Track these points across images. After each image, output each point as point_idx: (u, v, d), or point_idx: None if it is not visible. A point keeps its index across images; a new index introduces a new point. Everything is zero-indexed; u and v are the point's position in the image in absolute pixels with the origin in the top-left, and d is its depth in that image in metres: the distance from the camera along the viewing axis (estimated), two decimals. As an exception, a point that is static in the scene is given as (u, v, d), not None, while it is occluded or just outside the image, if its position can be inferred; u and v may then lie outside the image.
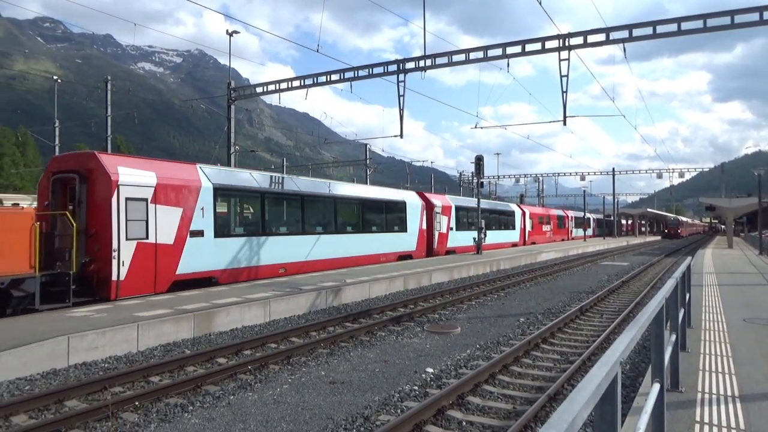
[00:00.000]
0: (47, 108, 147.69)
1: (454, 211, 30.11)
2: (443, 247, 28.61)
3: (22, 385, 7.21)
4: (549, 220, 50.74)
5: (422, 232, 26.24)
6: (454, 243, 29.92)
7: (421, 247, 26.14)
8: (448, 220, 29.21)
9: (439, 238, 28.16)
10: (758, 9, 15.92)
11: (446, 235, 29.03)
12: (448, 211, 29.48)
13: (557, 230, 53.11)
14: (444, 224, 28.78)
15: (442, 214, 28.58)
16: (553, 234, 51.08)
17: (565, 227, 56.58)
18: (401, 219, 24.88)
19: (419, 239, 25.94)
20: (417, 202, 26.37)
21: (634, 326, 2.77)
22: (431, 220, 27.13)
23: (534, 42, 18.59)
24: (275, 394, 7.02)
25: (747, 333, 8.23)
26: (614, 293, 16.92)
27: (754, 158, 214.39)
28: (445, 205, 29.45)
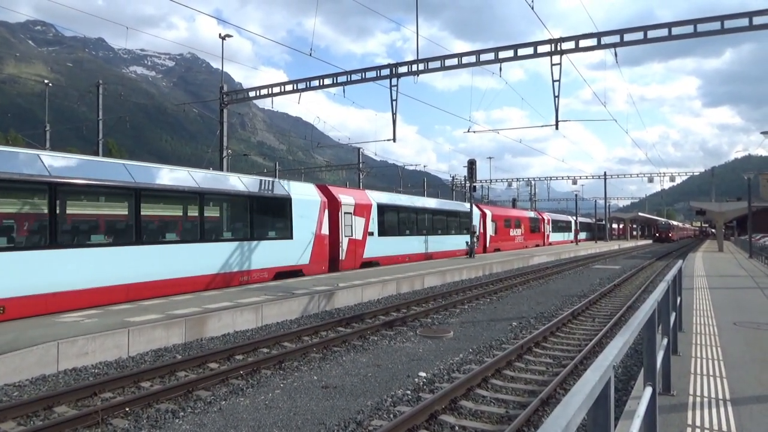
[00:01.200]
0: (38, 112, 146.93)
1: (376, 210, 23.56)
2: (357, 258, 22.15)
3: (10, 391, 7.12)
4: (519, 223, 44.89)
5: (321, 238, 19.51)
6: (377, 252, 23.49)
7: (320, 259, 19.54)
8: (365, 223, 22.61)
9: (350, 247, 21.56)
10: (748, 14, 16.09)
11: (362, 242, 22.46)
12: (366, 211, 22.91)
13: (530, 235, 47.75)
14: (359, 228, 22.20)
15: (356, 215, 22.05)
16: (524, 239, 45.66)
17: (540, 231, 51.31)
18: (283, 221, 18.02)
19: (315, 248, 19.08)
20: (311, 198, 19.49)
21: (627, 330, 2.77)
22: (336, 223, 20.77)
23: (526, 46, 18.68)
24: (267, 399, 6.97)
25: (737, 336, 8.27)
26: (606, 297, 16.98)
27: (743, 162, 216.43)
28: (361, 203, 22.67)
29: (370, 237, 22.95)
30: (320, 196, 20.14)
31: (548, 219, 54.43)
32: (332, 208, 20.78)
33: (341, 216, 21.10)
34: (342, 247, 21.09)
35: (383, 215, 24.24)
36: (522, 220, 46.10)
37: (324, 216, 19.85)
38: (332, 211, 20.71)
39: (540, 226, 51.29)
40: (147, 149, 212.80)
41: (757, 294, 13.92)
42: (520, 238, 44.61)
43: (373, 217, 23.30)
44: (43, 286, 10.70)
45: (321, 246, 19.62)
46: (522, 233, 45.25)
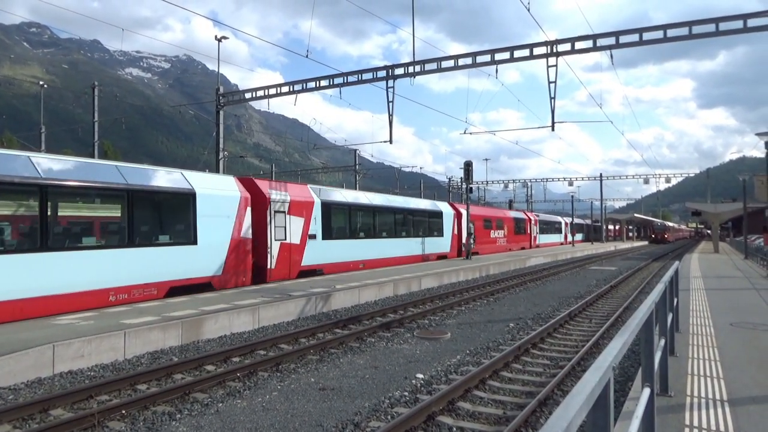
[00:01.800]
0: (33, 113, 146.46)
1: (320, 209, 19.86)
2: (293, 266, 18.43)
3: (5, 394, 7.08)
4: (501, 224, 40.95)
5: (241, 243, 15.87)
6: (320, 258, 19.84)
7: (238, 268, 15.85)
8: (305, 224, 18.94)
9: (283, 253, 17.87)
10: (742, 16, 16.17)
11: (300, 246, 18.71)
12: (306, 210, 19.11)
13: (514, 236, 43.99)
14: (296, 230, 18.50)
15: (292, 214, 18.38)
16: (508, 241, 41.90)
17: (526, 233, 47.72)
18: (182, 221, 14.58)
19: (232, 256, 15.55)
20: (227, 194, 15.78)
21: (626, 331, 2.77)
22: (264, 224, 17.26)
23: (522, 48, 18.72)
24: (264, 401, 6.95)
25: (734, 337, 8.29)
26: (602, 298, 17.01)
27: (738, 164, 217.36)
28: (299, 200, 18.87)
29: (311, 241, 19.24)
30: (241, 191, 16.41)
31: (535, 219, 51.10)
32: (258, 205, 17.11)
33: (271, 216, 17.52)
34: (271, 254, 17.42)
35: (329, 215, 20.61)
36: (505, 221, 42.22)
37: (246, 215, 16.24)
38: (258, 209, 17.08)
39: (526, 227, 47.73)
40: (143, 151, 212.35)
41: (753, 295, 13.96)
42: (503, 241, 40.88)
43: (315, 216, 19.55)
44: None
45: (240, 252, 15.97)
46: (505, 235, 41.60)
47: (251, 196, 16.72)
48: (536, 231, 50.24)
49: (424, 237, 28.42)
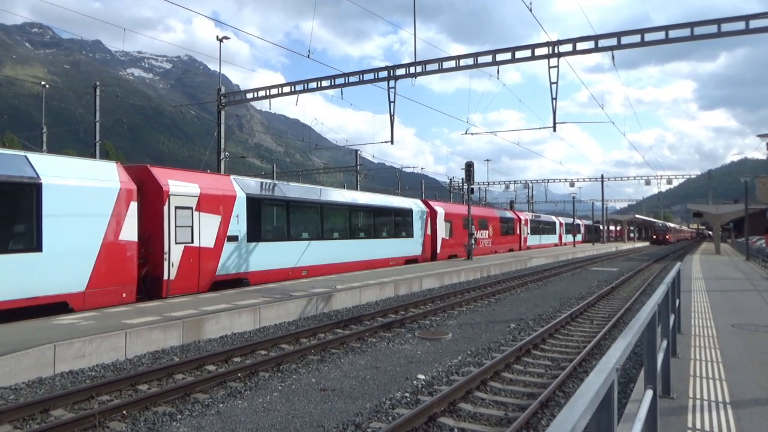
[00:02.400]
0: (35, 114, 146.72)
1: (245, 205, 16.38)
2: (203, 276, 14.81)
3: (6, 394, 7.08)
4: (485, 224, 37.25)
5: (120, 248, 12.56)
6: (244, 264, 16.37)
7: (115, 281, 12.45)
8: (222, 223, 15.44)
9: (188, 260, 14.26)
10: (744, 18, 16.14)
11: (215, 251, 15.16)
12: (224, 205, 15.62)
13: (501, 238, 40.68)
14: (209, 230, 15.03)
15: (203, 211, 14.88)
16: (493, 243, 38.45)
17: (515, 233, 44.29)
18: (21, 222, 11.09)
19: (103, 265, 12.15)
20: (96, 185, 12.28)
21: (629, 333, 2.75)
22: (160, 223, 13.68)
23: (524, 49, 18.71)
24: (265, 402, 6.94)
25: (736, 339, 8.27)
26: (604, 299, 16.99)
27: (740, 165, 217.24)
28: (213, 194, 15.34)
29: (230, 244, 15.73)
30: (123, 181, 12.88)
31: (525, 219, 47.61)
32: (151, 200, 13.74)
33: (170, 213, 13.88)
34: (170, 261, 13.72)
35: (259, 212, 17.19)
36: (489, 221, 38.28)
37: (129, 213, 12.84)
38: (152, 204, 13.71)
39: (514, 227, 44.37)
40: (144, 151, 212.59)
41: (755, 296, 13.94)
42: (487, 242, 37.24)
43: (237, 214, 16.08)
44: None
45: (118, 261, 12.49)
46: (490, 236, 38.01)
47: (141, 188, 13.39)
48: (527, 231, 47.25)
49: (388, 238, 25.07)
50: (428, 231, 28.80)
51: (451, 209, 32.50)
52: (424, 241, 28.32)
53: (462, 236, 31.60)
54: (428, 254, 28.60)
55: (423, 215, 28.36)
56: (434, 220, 29.33)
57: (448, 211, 31.47)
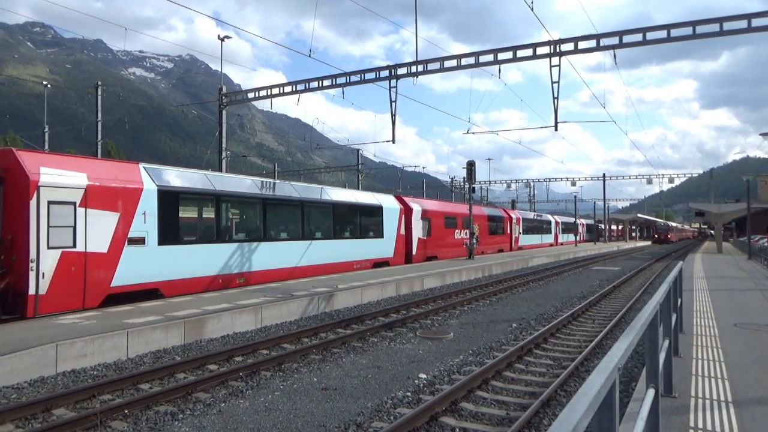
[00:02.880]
0: (37, 113, 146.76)
1: (157, 200, 13.58)
2: (90, 290, 11.84)
3: (8, 393, 7.09)
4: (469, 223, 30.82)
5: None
6: (156, 273, 13.50)
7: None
8: (121, 221, 12.62)
9: (67, 270, 11.32)
10: (746, 16, 16.11)
11: (109, 257, 12.28)
12: (123, 200, 12.76)
13: (488, 237, 37.33)
14: (101, 231, 12.17)
15: (92, 207, 11.97)
16: (478, 243, 33.92)
17: (505, 233, 41.35)
18: None
19: None
20: None
21: (631, 332, 2.75)
22: (22, 222, 10.82)
23: (525, 48, 18.69)
24: (267, 401, 6.95)
25: (738, 338, 8.26)
26: (606, 298, 16.97)
27: (742, 164, 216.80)
28: (109, 186, 12.43)
29: (134, 247, 12.85)
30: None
31: (517, 218, 44.44)
32: (13, 192, 10.99)
33: (40, 208, 10.92)
34: (39, 271, 10.78)
35: (176, 208, 14.28)
36: (475, 219, 32.84)
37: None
38: (13, 198, 10.97)
39: (505, 226, 41.29)
40: (146, 151, 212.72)
41: (757, 295, 13.91)
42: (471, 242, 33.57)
43: (144, 210, 13.13)
44: None
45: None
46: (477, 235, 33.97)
47: (2, 177, 10.90)
48: (518, 231, 44.30)
49: (352, 239, 22.12)
50: (402, 230, 25.64)
51: (430, 206, 29.49)
52: (397, 241, 25.12)
53: (443, 236, 29.67)
54: (401, 256, 25.51)
55: (396, 213, 25.29)
56: (409, 218, 26.27)
57: (426, 209, 28.40)
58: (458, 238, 31.92)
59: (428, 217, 28.19)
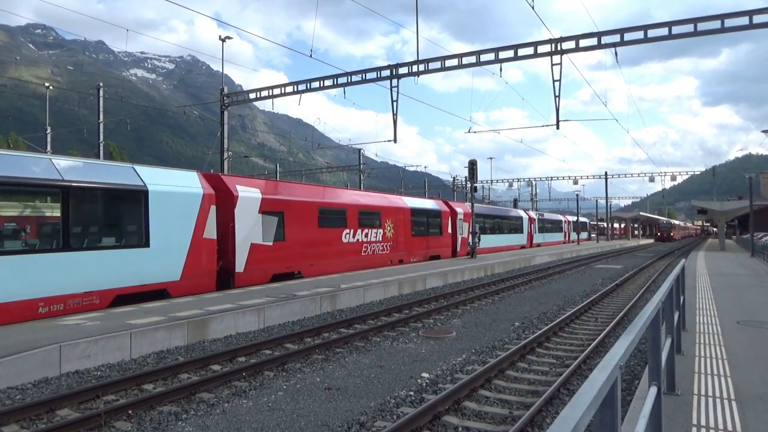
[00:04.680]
0: (39, 115, 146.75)
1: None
2: None
3: (13, 394, 7.12)
4: (373, 220, 23.25)
5: None
6: None
7: None
8: None
9: None
10: (748, 13, 16.09)
11: None
12: None
13: (412, 240, 26.50)
14: None
15: None
16: (392, 248, 24.46)
17: (443, 233, 30.09)
18: None
19: None
20: None
21: (633, 330, 2.75)
22: None
23: (527, 46, 18.70)
24: (270, 401, 6.96)
25: (741, 335, 8.25)
26: (608, 296, 16.96)
27: (744, 161, 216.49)
28: None
29: None
30: None
31: (466, 213, 32.53)
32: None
33: None
34: None
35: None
36: (384, 214, 24.08)
37: None
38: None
39: (443, 223, 30.28)
40: (147, 152, 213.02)
41: (760, 293, 13.89)
42: (378, 247, 23.43)
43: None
44: None
45: None
46: (386, 236, 24.06)
47: None
48: (463, 230, 32.44)
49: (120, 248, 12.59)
50: (207, 231, 14.57)
51: (282, 193, 18.38)
52: (190, 251, 14.06)
53: (322, 240, 19.75)
54: (197, 277, 14.25)
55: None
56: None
57: (277, 197, 17.71)
58: (348, 241, 21.52)
59: (277, 210, 17.40)
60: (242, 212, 15.94)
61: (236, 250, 15.71)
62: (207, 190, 14.73)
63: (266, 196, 17.12)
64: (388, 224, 24.26)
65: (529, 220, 47.14)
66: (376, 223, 23.46)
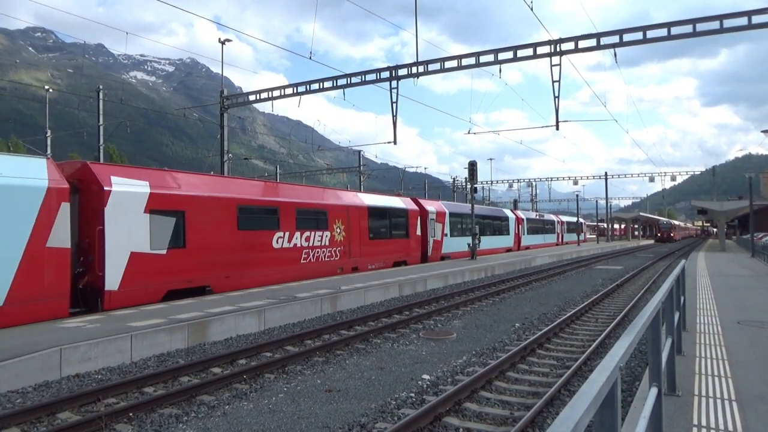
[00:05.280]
0: (39, 118, 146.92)
1: None
2: None
3: (13, 398, 7.11)
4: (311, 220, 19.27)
5: None
6: None
7: None
8: None
9: None
10: (746, 13, 16.10)
11: None
12: None
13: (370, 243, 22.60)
14: None
15: None
16: (346, 252, 20.87)
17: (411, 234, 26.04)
18: None
19: None
20: None
21: (633, 330, 2.76)
22: None
23: (526, 48, 18.72)
24: (271, 403, 6.96)
25: (741, 336, 8.25)
26: (608, 297, 16.95)
27: (744, 161, 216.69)
28: None
29: None
30: None
31: (440, 212, 29.16)
32: None
33: None
34: None
35: None
36: (332, 213, 20.34)
37: None
38: None
39: (414, 224, 26.33)
40: (148, 154, 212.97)
41: (760, 293, 13.89)
42: (328, 254, 19.89)
43: None
44: None
45: None
46: (342, 240, 20.61)
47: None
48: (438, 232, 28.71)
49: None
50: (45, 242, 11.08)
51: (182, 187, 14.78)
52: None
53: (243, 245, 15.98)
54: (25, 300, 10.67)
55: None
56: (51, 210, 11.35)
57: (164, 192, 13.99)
58: (285, 247, 17.70)
59: (174, 209, 14.08)
60: (117, 212, 12.47)
61: (106, 261, 12.12)
62: (55, 183, 11.19)
63: (157, 190, 13.65)
64: (338, 225, 20.39)
65: (516, 220, 43.50)
66: (322, 224, 19.57)
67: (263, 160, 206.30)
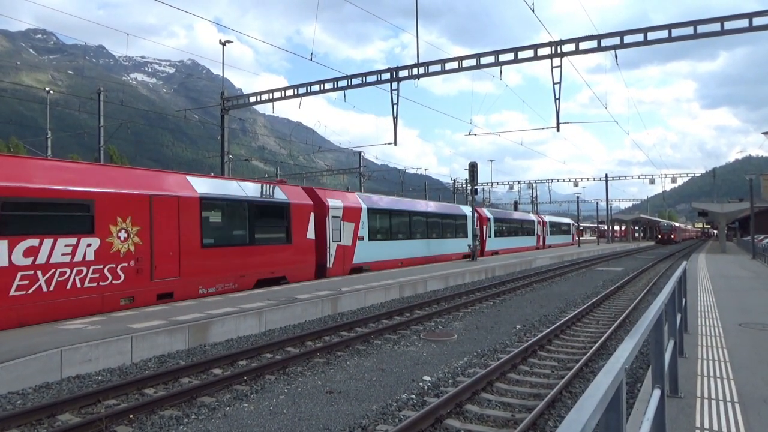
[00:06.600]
0: (39, 119, 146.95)
1: None
2: None
3: (14, 399, 7.10)
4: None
5: None
6: None
7: None
8: None
9: None
10: (747, 15, 16.11)
11: None
12: None
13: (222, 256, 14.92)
14: None
15: None
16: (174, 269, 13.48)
17: (290, 239, 17.71)
18: None
19: None
20: None
21: (637, 333, 2.74)
22: None
23: (526, 49, 18.72)
24: (271, 405, 6.94)
25: (743, 337, 8.23)
26: (609, 299, 16.93)
27: (744, 163, 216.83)
28: None
29: None
30: None
31: (358, 208, 22.18)
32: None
33: None
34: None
35: None
36: (115, 206, 12.11)
37: None
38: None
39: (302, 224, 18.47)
40: (148, 155, 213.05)
41: (762, 295, 13.87)
42: (96, 275, 11.58)
43: None
44: None
45: None
46: (134, 251, 12.44)
47: None
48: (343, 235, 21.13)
49: None
50: None
51: None
52: None
53: None
54: None
55: None
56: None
57: None
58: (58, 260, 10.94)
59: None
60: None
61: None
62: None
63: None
64: (122, 226, 12.33)
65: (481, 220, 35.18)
66: (85, 225, 11.65)
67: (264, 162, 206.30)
